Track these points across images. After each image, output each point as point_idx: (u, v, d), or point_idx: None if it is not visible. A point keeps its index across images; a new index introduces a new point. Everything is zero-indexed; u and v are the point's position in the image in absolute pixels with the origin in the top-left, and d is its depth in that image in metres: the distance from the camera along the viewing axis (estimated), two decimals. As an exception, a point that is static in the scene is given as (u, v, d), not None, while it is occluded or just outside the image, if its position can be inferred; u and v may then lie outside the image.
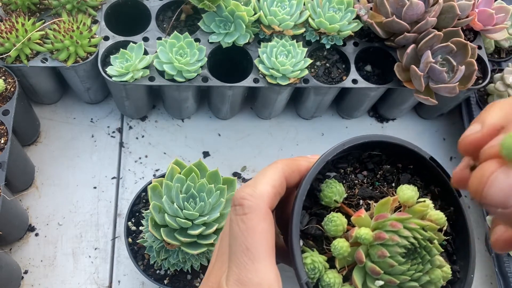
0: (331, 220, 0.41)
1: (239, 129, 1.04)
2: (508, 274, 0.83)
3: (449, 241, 0.45)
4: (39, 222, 0.90)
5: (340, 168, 0.46)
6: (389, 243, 0.39)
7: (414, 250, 0.39)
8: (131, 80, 0.83)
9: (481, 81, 0.94)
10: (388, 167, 0.47)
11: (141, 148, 1.00)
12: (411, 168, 0.47)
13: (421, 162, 0.46)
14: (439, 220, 0.41)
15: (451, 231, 0.45)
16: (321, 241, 0.43)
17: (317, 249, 0.42)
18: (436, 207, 0.45)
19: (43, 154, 0.96)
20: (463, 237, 0.45)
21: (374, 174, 0.47)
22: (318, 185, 0.44)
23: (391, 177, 0.47)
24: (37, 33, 0.83)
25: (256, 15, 0.86)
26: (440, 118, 1.11)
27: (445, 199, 0.45)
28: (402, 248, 0.38)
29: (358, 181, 0.47)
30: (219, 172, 0.66)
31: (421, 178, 0.47)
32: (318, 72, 0.92)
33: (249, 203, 0.37)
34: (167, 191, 0.63)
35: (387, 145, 0.46)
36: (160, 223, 0.63)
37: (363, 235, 0.39)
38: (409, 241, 0.39)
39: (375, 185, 0.47)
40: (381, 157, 0.47)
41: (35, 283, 0.85)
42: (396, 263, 0.39)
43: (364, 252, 0.40)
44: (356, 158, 0.47)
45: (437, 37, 0.84)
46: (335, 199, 0.43)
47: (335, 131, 1.07)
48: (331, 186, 0.43)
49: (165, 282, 0.74)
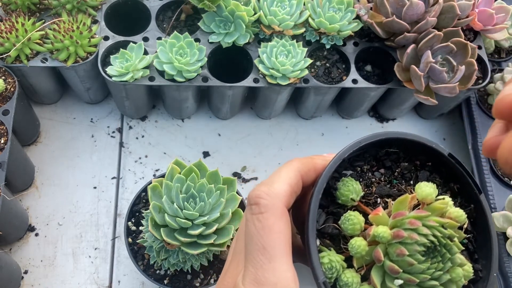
0: (348, 219, 0.40)
1: (239, 129, 1.04)
2: (508, 274, 0.83)
3: (470, 239, 0.44)
4: (39, 222, 0.90)
5: (356, 166, 0.46)
6: (407, 241, 0.38)
7: (434, 248, 0.38)
8: (131, 80, 0.83)
9: (481, 81, 0.94)
10: (406, 164, 0.46)
11: (141, 148, 1.00)
12: (430, 165, 0.46)
13: (440, 158, 0.45)
14: (459, 218, 0.40)
15: (472, 229, 0.44)
16: (338, 240, 0.42)
17: (334, 248, 0.42)
18: (456, 204, 0.44)
19: (43, 154, 0.96)
20: (484, 235, 0.44)
21: (391, 172, 0.46)
22: (334, 184, 0.43)
23: (409, 174, 0.46)
24: (37, 33, 0.83)
25: (256, 15, 0.86)
26: (440, 118, 1.11)
27: (465, 196, 0.45)
28: (422, 246, 0.38)
29: (375, 179, 0.46)
30: (219, 172, 0.66)
31: (440, 175, 0.46)
32: (318, 72, 0.92)
33: (265, 202, 0.36)
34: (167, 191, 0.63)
35: (405, 142, 0.45)
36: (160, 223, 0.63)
37: (381, 233, 0.38)
38: (428, 239, 0.38)
39: (392, 183, 0.46)
40: (398, 155, 0.47)
41: (35, 283, 0.85)
42: (415, 261, 0.38)
43: (383, 251, 0.39)
44: (373, 156, 0.46)
45: (437, 37, 0.84)
46: (351, 197, 0.42)
47: (335, 131, 1.07)
48: (347, 184, 0.42)
49: (165, 282, 0.74)
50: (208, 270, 0.75)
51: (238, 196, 0.66)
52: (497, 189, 0.91)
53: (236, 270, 0.38)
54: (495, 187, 0.91)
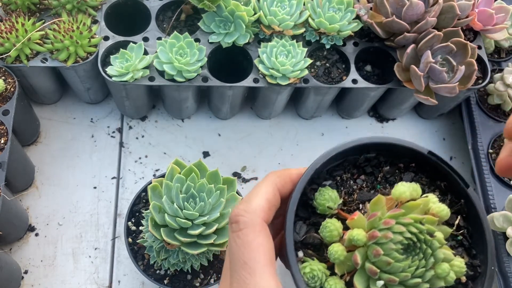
0: (325, 227, 0.40)
1: (239, 129, 1.04)
2: (508, 274, 0.83)
3: (464, 235, 0.43)
4: (39, 222, 0.90)
5: (336, 176, 0.46)
6: (382, 240, 0.38)
7: (414, 246, 0.38)
8: (131, 80, 0.83)
9: (481, 81, 0.94)
10: (388, 168, 0.46)
11: (141, 148, 1.00)
12: (413, 166, 0.46)
13: (422, 158, 0.45)
14: (440, 213, 0.40)
15: (465, 224, 0.44)
16: (322, 249, 0.42)
17: (318, 258, 0.41)
18: (446, 201, 0.44)
19: (43, 154, 0.96)
20: (478, 229, 0.43)
21: (374, 178, 0.46)
22: (313, 195, 0.43)
23: (393, 178, 0.46)
24: (37, 33, 0.83)
25: (256, 15, 0.86)
26: (440, 118, 1.11)
27: (454, 193, 0.44)
28: (398, 245, 0.37)
29: (357, 186, 0.46)
30: (219, 172, 0.66)
31: (425, 174, 0.46)
32: (318, 72, 0.92)
33: (244, 219, 0.37)
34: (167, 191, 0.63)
35: (381, 146, 0.45)
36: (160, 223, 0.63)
37: (356, 236, 0.38)
38: (404, 236, 0.38)
39: (376, 188, 0.46)
40: (379, 159, 0.47)
41: (35, 283, 0.85)
42: (392, 260, 0.37)
43: (362, 254, 0.39)
44: (352, 164, 0.46)
45: (437, 37, 0.84)
46: (328, 205, 0.42)
47: (335, 131, 1.07)
48: (323, 193, 0.42)
49: (165, 282, 0.74)
50: (208, 270, 0.75)
51: (238, 196, 0.66)
52: (497, 189, 0.91)
53: (225, 287, 0.39)
54: (495, 187, 0.91)
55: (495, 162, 0.94)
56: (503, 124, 0.98)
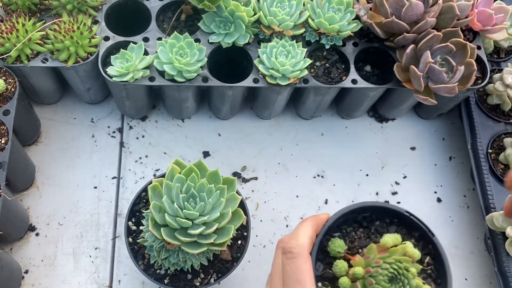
0: (336, 265, 0.60)
1: (239, 129, 1.05)
2: (508, 273, 0.83)
3: (432, 269, 0.62)
4: (39, 222, 0.91)
5: (342, 229, 0.65)
6: (374, 274, 0.56)
7: (396, 278, 0.56)
8: (131, 80, 0.83)
9: (480, 81, 0.94)
10: (378, 223, 0.65)
11: (141, 148, 1.00)
12: (396, 221, 0.65)
13: (402, 216, 0.64)
14: (414, 255, 0.59)
15: (432, 262, 0.63)
16: (334, 281, 0.60)
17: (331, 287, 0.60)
18: (419, 246, 0.63)
19: (43, 154, 0.97)
20: (441, 265, 0.62)
21: (369, 230, 0.66)
22: (327, 243, 0.62)
23: (382, 230, 0.65)
24: (38, 33, 0.83)
25: (256, 16, 0.86)
26: (439, 118, 1.11)
27: (424, 239, 0.64)
28: (385, 277, 0.56)
29: (357, 236, 0.65)
30: (219, 172, 0.66)
31: (405, 227, 0.65)
32: (318, 72, 0.92)
33: (296, 251, 0.55)
34: (167, 191, 0.64)
35: (373, 208, 0.65)
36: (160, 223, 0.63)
37: (357, 271, 0.57)
38: (389, 271, 0.56)
39: (371, 238, 0.65)
40: (372, 217, 0.66)
41: (35, 283, 0.86)
42: (381, 287, 0.56)
43: (362, 284, 0.57)
44: (353, 220, 0.65)
45: (436, 37, 0.84)
46: (338, 250, 0.61)
47: (335, 131, 1.07)
48: (334, 242, 0.62)
49: (165, 281, 0.75)
50: (208, 270, 0.76)
51: (238, 196, 0.67)
52: (497, 189, 0.91)
53: None
54: (494, 187, 0.91)
55: (494, 162, 0.94)
56: (503, 124, 0.98)
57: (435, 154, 1.07)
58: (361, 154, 1.05)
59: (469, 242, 0.99)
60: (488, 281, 0.95)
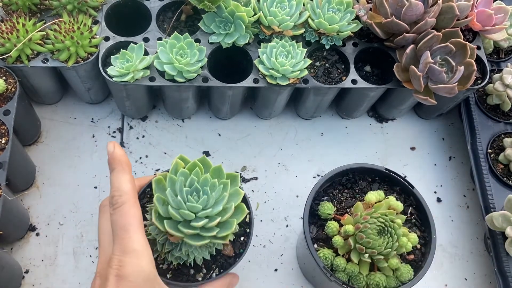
0: (328, 226, 0.67)
1: (239, 129, 1.05)
2: (507, 273, 0.83)
3: (415, 218, 0.71)
4: (40, 221, 0.91)
5: (329, 192, 0.73)
6: (364, 229, 0.62)
7: (384, 230, 0.62)
8: (131, 81, 0.83)
9: (480, 81, 0.94)
10: (361, 182, 0.73)
11: (141, 148, 1.00)
12: (377, 179, 0.73)
13: (382, 173, 0.72)
14: (397, 207, 0.66)
15: (415, 212, 0.72)
16: (328, 241, 0.67)
17: (326, 246, 0.68)
18: (401, 199, 0.71)
19: (44, 154, 0.97)
20: (423, 213, 0.70)
21: (353, 190, 0.73)
22: (317, 207, 0.70)
23: (366, 188, 0.73)
24: (38, 33, 0.83)
25: (256, 16, 0.87)
26: (439, 118, 1.12)
27: (405, 192, 0.73)
28: (374, 230, 0.62)
29: (344, 197, 0.72)
30: (222, 168, 0.66)
31: (386, 183, 0.73)
32: (318, 73, 0.92)
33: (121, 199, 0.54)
34: (171, 184, 0.64)
35: (355, 170, 0.73)
36: (163, 215, 0.64)
37: (347, 229, 0.63)
38: (376, 224, 0.62)
39: (356, 197, 0.72)
40: (355, 178, 0.74)
41: (36, 283, 0.86)
42: (372, 240, 0.62)
43: (353, 240, 0.64)
44: (338, 183, 0.73)
45: (436, 38, 0.85)
46: (327, 212, 0.69)
47: (335, 131, 1.07)
48: (323, 206, 0.69)
49: (168, 276, 0.75)
50: (211, 265, 0.76)
51: (241, 191, 0.67)
52: (496, 188, 0.91)
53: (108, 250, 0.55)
54: (494, 186, 0.91)
55: (494, 162, 0.94)
56: (502, 124, 0.98)
57: (435, 154, 1.07)
58: (361, 154, 1.05)
59: (469, 242, 0.99)
60: (488, 281, 0.95)
